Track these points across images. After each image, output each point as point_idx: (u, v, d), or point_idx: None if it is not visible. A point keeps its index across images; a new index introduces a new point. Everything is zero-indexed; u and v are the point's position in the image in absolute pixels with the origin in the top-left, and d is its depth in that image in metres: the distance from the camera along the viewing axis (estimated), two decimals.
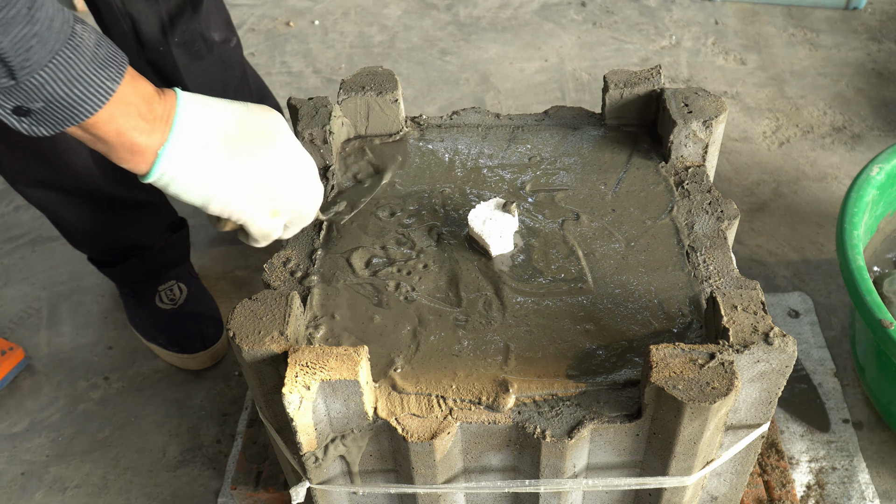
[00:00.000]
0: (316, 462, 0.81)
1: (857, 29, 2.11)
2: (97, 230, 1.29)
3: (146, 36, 1.21)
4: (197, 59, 1.30)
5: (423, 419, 0.77)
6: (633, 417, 0.77)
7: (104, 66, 0.65)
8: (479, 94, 1.96)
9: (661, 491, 0.84)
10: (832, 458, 1.19)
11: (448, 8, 2.27)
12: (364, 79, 1.08)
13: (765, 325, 0.76)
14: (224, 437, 1.28)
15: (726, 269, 0.90)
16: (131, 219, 1.29)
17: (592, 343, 0.84)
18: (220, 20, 1.34)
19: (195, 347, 1.34)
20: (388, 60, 2.08)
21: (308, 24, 2.23)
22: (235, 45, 1.40)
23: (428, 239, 0.96)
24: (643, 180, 1.02)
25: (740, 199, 1.63)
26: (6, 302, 1.52)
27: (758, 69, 1.99)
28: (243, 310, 0.80)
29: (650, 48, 2.08)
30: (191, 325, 1.35)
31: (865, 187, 1.20)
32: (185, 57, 1.27)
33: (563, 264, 0.92)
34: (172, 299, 1.38)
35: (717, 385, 0.72)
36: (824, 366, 1.31)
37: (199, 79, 1.31)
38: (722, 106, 1.00)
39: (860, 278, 1.08)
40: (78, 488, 1.23)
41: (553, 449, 0.76)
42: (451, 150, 1.08)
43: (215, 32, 1.32)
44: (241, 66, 1.44)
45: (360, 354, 0.74)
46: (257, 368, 0.79)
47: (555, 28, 2.17)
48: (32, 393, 1.36)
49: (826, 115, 1.84)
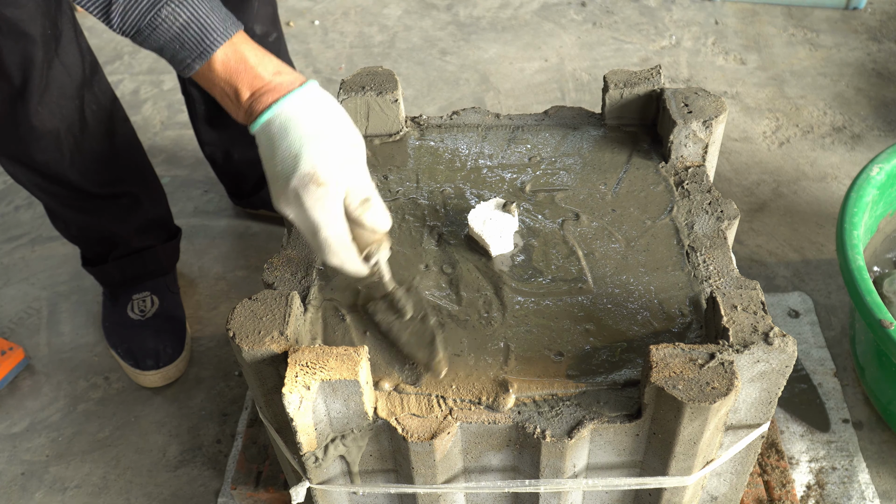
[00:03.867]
0: (316, 462, 0.81)
1: (857, 29, 2.11)
2: (66, 211, 1.29)
3: None
4: None
5: (423, 419, 0.77)
6: (633, 417, 0.77)
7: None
8: (479, 94, 1.96)
9: (661, 491, 0.84)
10: (832, 458, 1.19)
11: (448, 8, 2.27)
12: (364, 79, 1.08)
13: (765, 325, 0.76)
14: (224, 437, 1.28)
15: (726, 269, 0.90)
16: (101, 208, 1.28)
17: (592, 343, 0.84)
18: (265, 14, 1.35)
19: (147, 365, 1.33)
20: (388, 60, 2.08)
21: (308, 24, 2.23)
22: (275, 40, 1.39)
23: (428, 239, 0.96)
24: (643, 180, 1.02)
25: (740, 199, 1.63)
26: (6, 302, 1.52)
27: (758, 69, 1.99)
28: (243, 310, 0.80)
29: (650, 48, 2.08)
30: (149, 342, 1.34)
31: (865, 187, 1.20)
32: None
33: (563, 264, 0.92)
34: (142, 310, 1.38)
35: (717, 385, 0.72)
36: (824, 366, 1.31)
37: None
38: (722, 106, 1.00)
39: (860, 278, 1.08)
40: (78, 488, 1.23)
41: (553, 449, 0.76)
42: (451, 150, 1.08)
43: (257, 25, 1.33)
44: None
45: (360, 354, 0.74)
46: (257, 368, 0.79)
47: (555, 28, 2.17)
48: (32, 393, 1.36)
49: (826, 115, 1.84)
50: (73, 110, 1.13)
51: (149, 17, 0.75)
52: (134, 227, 1.33)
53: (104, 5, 0.75)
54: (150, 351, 1.33)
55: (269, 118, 0.77)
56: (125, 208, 1.30)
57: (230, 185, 1.59)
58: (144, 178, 1.33)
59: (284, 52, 1.46)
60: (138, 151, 1.31)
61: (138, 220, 1.33)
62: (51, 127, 1.11)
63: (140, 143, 1.31)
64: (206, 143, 1.51)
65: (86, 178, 1.21)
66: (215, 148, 1.50)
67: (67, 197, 1.24)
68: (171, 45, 0.77)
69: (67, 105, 1.12)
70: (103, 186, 1.25)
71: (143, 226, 1.35)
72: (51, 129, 1.12)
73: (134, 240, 1.35)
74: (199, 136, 1.50)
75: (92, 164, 1.20)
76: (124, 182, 1.28)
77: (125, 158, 1.28)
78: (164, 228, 1.40)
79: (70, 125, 1.14)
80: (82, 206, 1.26)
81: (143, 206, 1.33)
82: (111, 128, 1.21)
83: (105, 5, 0.75)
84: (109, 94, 1.21)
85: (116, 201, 1.28)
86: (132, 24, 0.76)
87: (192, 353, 1.40)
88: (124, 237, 1.33)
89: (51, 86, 1.09)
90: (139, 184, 1.31)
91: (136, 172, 1.31)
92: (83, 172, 1.20)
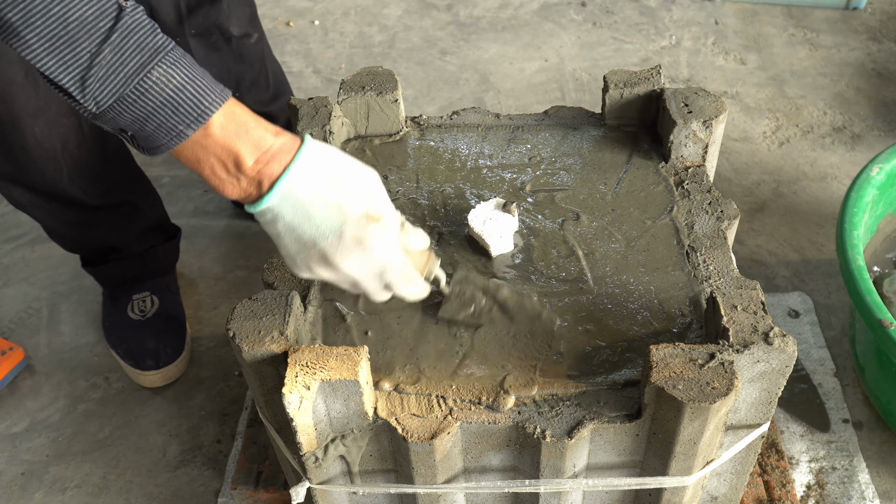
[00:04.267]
0: (316, 462, 0.81)
1: (857, 29, 2.11)
2: (66, 229, 1.29)
3: (162, 23, 1.21)
4: (213, 50, 1.30)
5: (423, 419, 0.77)
6: (633, 417, 0.77)
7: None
8: (479, 94, 1.96)
9: (661, 491, 0.84)
10: (832, 458, 1.19)
11: (448, 8, 2.27)
12: (364, 79, 1.08)
13: (765, 325, 0.76)
14: (224, 437, 1.28)
15: (726, 269, 0.90)
16: (101, 220, 1.28)
17: (592, 343, 0.84)
18: (243, 15, 1.34)
19: (147, 365, 1.33)
20: (388, 60, 2.08)
21: (308, 24, 2.23)
22: (256, 41, 1.39)
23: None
24: (643, 180, 1.02)
25: (740, 199, 1.63)
26: (6, 302, 1.52)
27: (758, 69, 1.99)
28: (243, 310, 0.79)
29: (650, 48, 2.08)
30: (149, 342, 1.34)
31: (865, 187, 1.20)
32: (200, 47, 1.27)
33: (563, 264, 0.92)
34: (142, 311, 1.38)
35: (717, 385, 0.72)
36: (824, 366, 1.31)
37: (214, 70, 1.30)
38: (722, 106, 1.00)
39: (860, 278, 1.08)
40: (78, 488, 1.23)
41: (553, 449, 0.76)
42: (451, 150, 1.08)
43: (235, 27, 1.32)
44: (261, 61, 1.42)
45: (360, 354, 0.74)
46: (257, 368, 0.79)
47: (555, 28, 2.17)
48: (32, 393, 1.36)
49: (826, 115, 1.84)
50: (70, 128, 1.13)
51: (136, 81, 0.64)
52: (134, 234, 1.34)
53: (82, 70, 0.62)
54: (150, 351, 1.33)
55: (291, 182, 0.69)
56: (125, 217, 1.31)
57: None
58: (139, 183, 1.33)
59: (269, 54, 1.46)
60: (129, 157, 1.31)
61: (138, 227, 1.34)
62: (49, 147, 1.12)
63: (129, 149, 1.31)
64: None
65: (85, 191, 1.21)
66: None
67: (67, 213, 1.25)
68: (158, 112, 0.65)
69: (65, 123, 1.12)
70: (102, 197, 1.25)
71: (143, 232, 1.35)
72: (48, 148, 1.12)
73: (134, 246, 1.35)
74: None
75: (90, 177, 1.21)
76: (122, 190, 1.28)
77: (119, 166, 1.28)
78: (162, 230, 1.40)
79: (66, 142, 1.14)
80: (82, 220, 1.27)
81: (142, 212, 1.33)
82: (104, 138, 1.22)
83: (83, 69, 0.62)
84: None
85: (116, 210, 1.29)
86: (113, 91, 0.64)
87: (192, 353, 1.40)
88: (125, 245, 1.34)
89: (50, 105, 1.09)
90: (135, 190, 1.32)
91: (131, 179, 1.32)
92: (82, 186, 1.20)
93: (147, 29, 0.65)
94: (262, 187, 0.70)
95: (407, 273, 0.77)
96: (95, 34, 0.62)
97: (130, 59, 0.64)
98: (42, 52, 0.61)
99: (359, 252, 0.72)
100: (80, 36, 0.62)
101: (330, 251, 0.71)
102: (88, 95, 0.64)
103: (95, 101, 0.64)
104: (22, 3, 0.60)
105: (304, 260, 0.73)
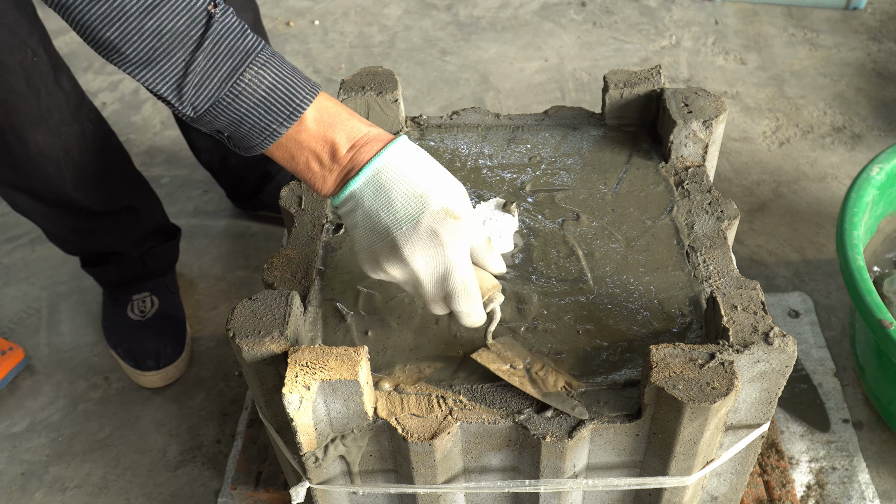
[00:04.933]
0: (316, 462, 0.81)
1: (857, 29, 2.11)
2: (67, 234, 1.30)
3: None
4: None
5: (423, 419, 0.77)
6: (633, 417, 0.77)
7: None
8: (479, 94, 1.96)
9: (661, 491, 0.84)
10: (832, 458, 1.19)
11: (448, 8, 2.27)
12: (364, 79, 1.08)
13: (765, 325, 0.76)
14: (224, 437, 1.28)
15: (726, 269, 0.90)
16: (104, 225, 1.29)
17: (592, 343, 0.84)
18: (246, 20, 1.33)
19: (147, 365, 1.33)
20: (388, 60, 2.08)
21: (308, 24, 2.23)
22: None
23: None
24: (643, 180, 1.02)
25: (740, 199, 1.63)
26: (6, 302, 1.52)
27: (758, 69, 1.99)
28: (243, 310, 0.79)
29: (650, 48, 2.08)
30: (149, 343, 1.34)
31: (865, 187, 1.20)
32: None
33: (563, 264, 0.92)
34: (142, 311, 1.38)
35: (717, 385, 0.72)
36: (824, 366, 1.31)
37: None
38: (722, 106, 1.00)
39: (860, 278, 1.08)
40: (78, 488, 1.23)
41: (553, 449, 0.76)
42: (451, 150, 1.08)
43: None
44: None
45: (360, 354, 0.74)
46: (257, 368, 0.79)
47: (555, 28, 2.17)
48: (32, 393, 1.36)
49: (826, 115, 1.84)
50: (72, 134, 1.14)
51: (229, 85, 0.66)
52: (134, 238, 1.34)
53: (178, 78, 0.65)
54: (151, 351, 1.33)
55: (379, 167, 0.70)
56: (125, 221, 1.31)
57: (230, 189, 1.59)
58: (139, 187, 1.34)
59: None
60: (128, 161, 1.32)
61: (138, 231, 1.34)
62: (51, 155, 1.12)
63: (127, 153, 1.32)
64: (201, 150, 1.50)
65: (87, 197, 1.22)
66: (211, 155, 1.50)
67: (69, 219, 1.25)
68: (252, 113, 0.68)
69: (67, 131, 1.13)
70: (104, 203, 1.25)
71: (143, 235, 1.36)
72: (51, 156, 1.12)
73: (135, 249, 1.35)
74: (193, 144, 1.49)
75: (92, 183, 1.21)
76: (123, 194, 1.29)
77: (120, 170, 1.28)
78: (162, 231, 1.40)
79: (69, 150, 1.14)
80: (83, 226, 1.27)
81: (142, 216, 1.33)
82: (105, 143, 1.22)
83: (179, 77, 0.65)
84: (95, 108, 1.23)
85: (117, 216, 1.29)
86: (209, 95, 0.66)
87: (192, 353, 1.40)
88: (125, 249, 1.34)
89: (52, 113, 1.09)
90: (136, 194, 1.32)
91: (131, 183, 1.32)
92: (85, 193, 1.21)
93: (237, 32, 0.67)
94: (350, 175, 0.71)
95: (471, 288, 0.74)
96: (188, 43, 0.65)
97: (223, 63, 0.66)
98: (140, 66, 0.65)
99: (431, 247, 0.70)
100: (174, 47, 0.64)
101: (402, 241, 0.70)
102: (186, 102, 0.67)
103: (192, 107, 0.67)
104: (119, 21, 0.62)
105: (373, 253, 0.73)
